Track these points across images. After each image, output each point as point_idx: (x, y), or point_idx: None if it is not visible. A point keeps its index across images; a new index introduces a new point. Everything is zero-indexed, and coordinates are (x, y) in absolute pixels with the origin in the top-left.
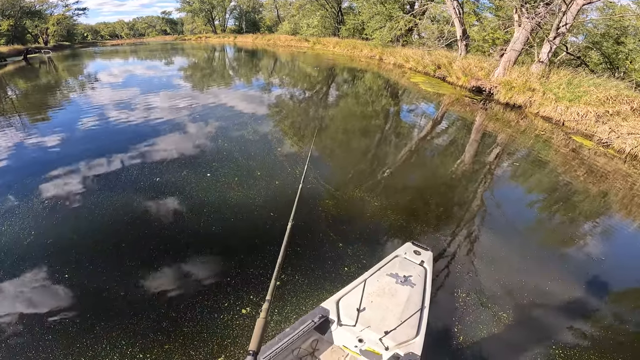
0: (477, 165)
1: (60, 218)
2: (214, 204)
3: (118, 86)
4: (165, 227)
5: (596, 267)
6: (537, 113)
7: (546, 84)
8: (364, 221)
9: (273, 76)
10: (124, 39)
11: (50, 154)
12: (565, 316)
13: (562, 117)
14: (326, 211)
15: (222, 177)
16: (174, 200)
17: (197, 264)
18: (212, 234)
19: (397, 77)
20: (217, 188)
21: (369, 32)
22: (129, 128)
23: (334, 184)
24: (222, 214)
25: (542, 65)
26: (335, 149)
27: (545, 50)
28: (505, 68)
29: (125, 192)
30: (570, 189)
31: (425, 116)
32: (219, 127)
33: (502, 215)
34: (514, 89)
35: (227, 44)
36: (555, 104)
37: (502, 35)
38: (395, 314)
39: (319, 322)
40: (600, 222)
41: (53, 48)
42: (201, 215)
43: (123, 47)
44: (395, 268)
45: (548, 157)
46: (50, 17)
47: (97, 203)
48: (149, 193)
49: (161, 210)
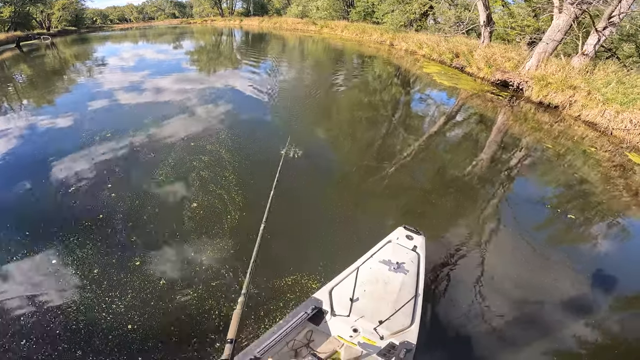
0: (490, 171)
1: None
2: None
3: (112, 92)
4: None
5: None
6: (578, 116)
7: (592, 82)
8: (360, 206)
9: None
10: (132, 22)
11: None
12: (561, 302)
13: (609, 125)
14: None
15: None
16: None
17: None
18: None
19: (408, 65)
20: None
21: (379, 16)
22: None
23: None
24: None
25: (587, 59)
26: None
27: (592, 42)
28: (539, 60)
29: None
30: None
31: (438, 118)
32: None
33: (511, 215)
34: (551, 85)
35: (233, 27)
36: (602, 106)
37: (534, 22)
38: (389, 302)
39: (312, 313)
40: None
41: (57, 33)
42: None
43: (132, 30)
44: (387, 254)
45: (589, 178)
46: (56, 2)
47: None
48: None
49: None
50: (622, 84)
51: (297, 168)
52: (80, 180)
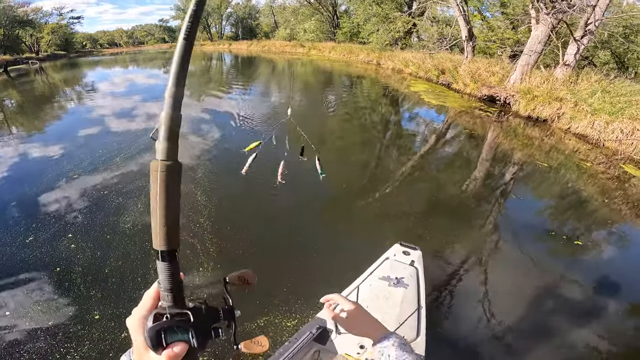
0: (483, 189)
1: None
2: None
3: (98, 120)
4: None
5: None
6: (568, 129)
7: (577, 92)
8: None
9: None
10: (122, 47)
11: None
12: (565, 309)
13: (600, 136)
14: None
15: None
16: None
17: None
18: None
19: (396, 84)
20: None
21: (365, 36)
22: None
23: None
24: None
25: (569, 70)
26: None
27: (572, 52)
28: (523, 73)
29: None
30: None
31: (429, 138)
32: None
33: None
34: (537, 98)
35: (222, 51)
36: (591, 117)
37: (513, 35)
38: (393, 316)
39: (318, 333)
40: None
41: (47, 58)
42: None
43: (122, 55)
44: (386, 271)
45: (585, 192)
46: (45, 26)
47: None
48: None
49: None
50: (607, 93)
51: (289, 192)
52: (39, 229)
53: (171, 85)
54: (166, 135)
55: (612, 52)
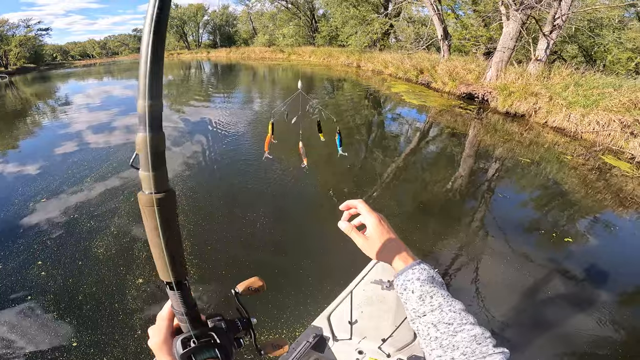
0: (468, 186)
1: None
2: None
3: (72, 136)
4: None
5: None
6: (545, 123)
7: (551, 87)
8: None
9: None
10: (95, 58)
11: None
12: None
13: (577, 128)
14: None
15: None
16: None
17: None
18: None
19: (376, 86)
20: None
21: (343, 39)
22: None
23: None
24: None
25: (541, 64)
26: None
27: (542, 47)
28: (498, 69)
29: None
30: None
31: (412, 138)
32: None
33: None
34: (513, 94)
35: (201, 60)
36: (566, 111)
37: (486, 32)
38: (388, 320)
39: (315, 342)
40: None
41: (16, 71)
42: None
43: (95, 67)
44: (378, 274)
45: (567, 184)
46: (12, 38)
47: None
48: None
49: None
50: (580, 86)
51: (274, 198)
52: (7, 257)
53: (145, 98)
54: (151, 162)
55: (579, 45)
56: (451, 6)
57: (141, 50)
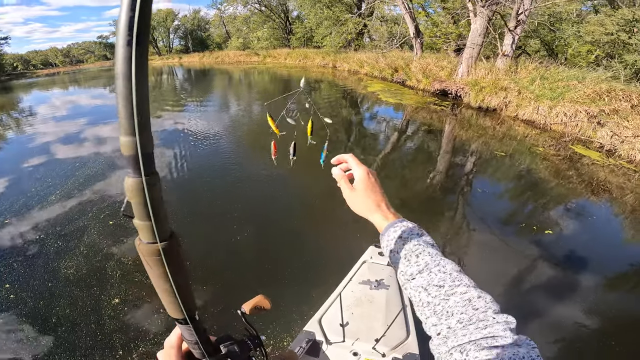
0: (448, 180)
1: None
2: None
3: (39, 148)
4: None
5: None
6: (516, 116)
7: (518, 81)
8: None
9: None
10: (59, 67)
11: None
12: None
13: (546, 120)
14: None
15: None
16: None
17: None
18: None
19: (353, 86)
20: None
21: (318, 40)
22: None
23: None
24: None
25: (508, 59)
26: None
27: (508, 42)
28: (469, 65)
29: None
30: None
31: (390, 136)
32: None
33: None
34: (484, 89)
35: (173, 65)
36: (535, 104)
37: (455, 29)
38: (380, 319)
39: (308, 347)
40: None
41: None
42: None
43: (60, 75)
44: (365, 274)
45: (541, 175)
46: None
47: None
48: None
49: None
50: (545, 80)
51: (253, 202)
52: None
53: (132, 134)
54: (152, 210)
55: (541, 40)
56: (422, 4)
57: (116, 70)
